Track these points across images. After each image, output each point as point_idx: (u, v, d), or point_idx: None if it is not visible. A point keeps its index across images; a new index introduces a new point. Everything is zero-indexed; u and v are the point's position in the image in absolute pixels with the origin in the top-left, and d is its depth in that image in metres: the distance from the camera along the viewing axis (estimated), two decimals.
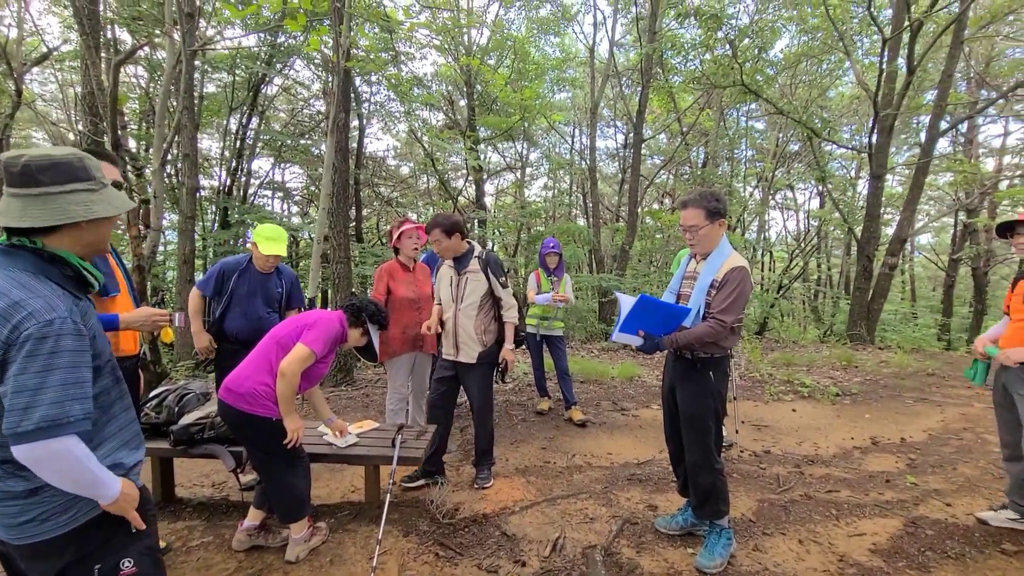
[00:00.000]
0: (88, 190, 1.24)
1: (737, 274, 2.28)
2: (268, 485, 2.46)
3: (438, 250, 3.09)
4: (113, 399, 1.33)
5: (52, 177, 1.19)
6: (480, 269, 3.10)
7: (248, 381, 2.32)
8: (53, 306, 1.14)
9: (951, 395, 5.62)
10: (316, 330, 2.38)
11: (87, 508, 1.23)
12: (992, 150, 17.33)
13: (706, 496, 2.40)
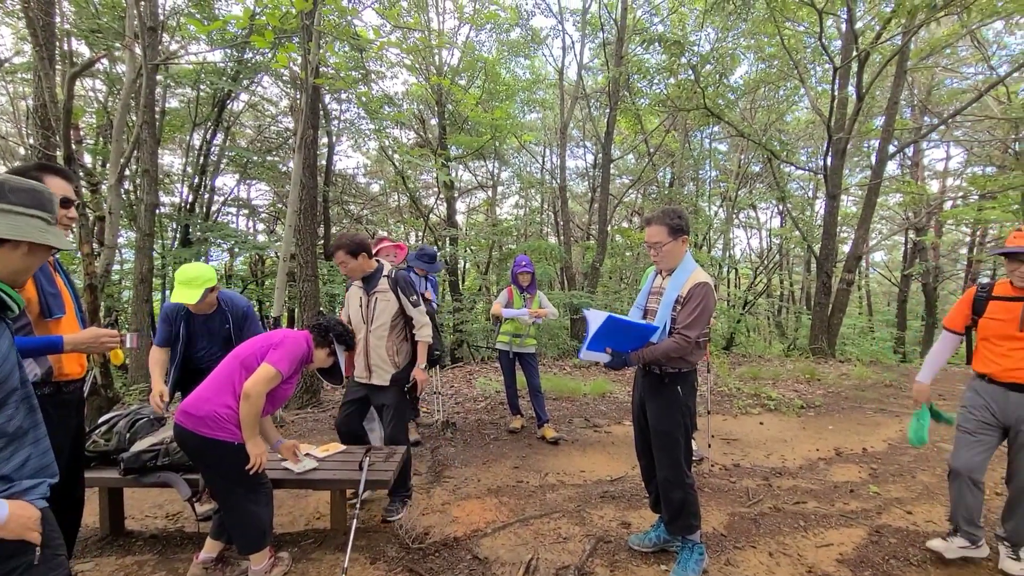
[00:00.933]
0: (45, 220, 1.30)
1: (700, 289, 2.32)
2: (227, 514, 2.33)
3: (345, 271, 3.02)
4: (23, 430, 1.23)
5: (21, 199, 1.26)
6: (390, 288, 3.05)
7: (209, 404, 2.21)
8: None
9: (908, 406, 5.83)
10: (282, 349, 2.31)
11: None
12: (936, 173, 18.45)
13: (678, 512, 2.40)
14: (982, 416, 2.43)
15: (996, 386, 2.40)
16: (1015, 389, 2.34)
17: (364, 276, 3.06)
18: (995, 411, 2.40)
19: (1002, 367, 2.36)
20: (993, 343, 2.41)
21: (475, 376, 7.44)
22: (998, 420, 2.40)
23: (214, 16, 8.73)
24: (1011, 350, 2.34)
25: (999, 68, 12.51)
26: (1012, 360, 2.33)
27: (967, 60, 14.05)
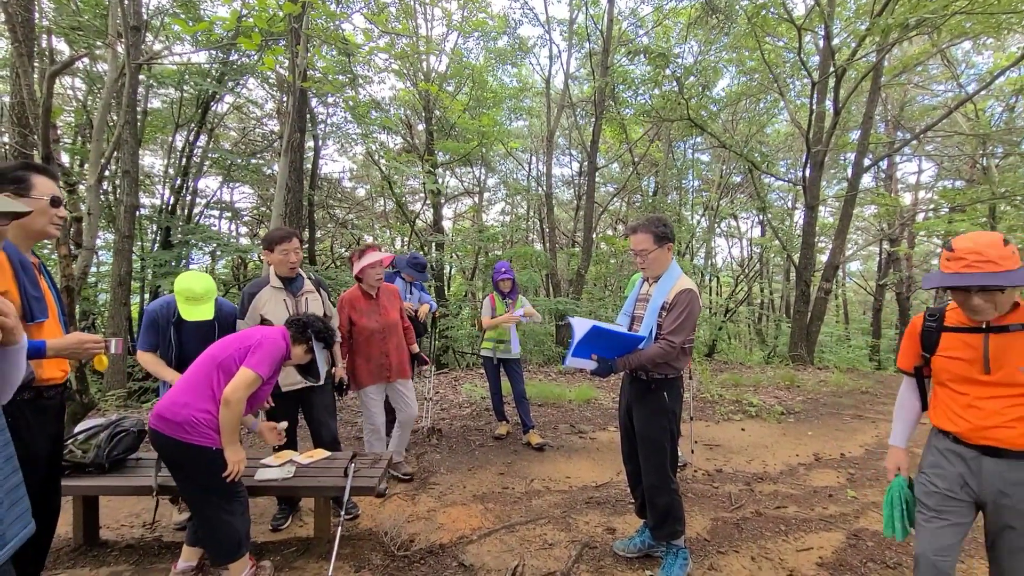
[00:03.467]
0: None
1: (685, 296, 2.37)
2: (201, 523, 2.28)
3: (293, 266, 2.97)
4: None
5: None
6: (315, 288, 3.07)
7: (187, 409, 2.16)
8: None
9: (883, 412, 5.97)
10: (261, 352, 2.25)
11: None
12: (909, 185, 19.04)
13: (663, 518, 2.43)
14: (947, 487, 1.77)
15: (965, 447, 1.73)
16: (991, 454, 1.68)
17: (289, 277, 3.00)
18: (966, 481, 1.74)
19: (971, 424, 1.70)
20: (953, 390, 1.76)
21: (461, 382, 7.42)
22: (971, 493, 1.73)
23: (199, 17, 8.65)
24: (978, 399, 1.69)
25: (968, 86, 13.02)
26: (982, 414, 1.68)
27: (938, 78, 14.57)
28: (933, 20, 6.91)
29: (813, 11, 9.01)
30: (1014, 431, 1.62)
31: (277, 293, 2.96)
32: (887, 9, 7.65)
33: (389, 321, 3.38)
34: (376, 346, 3.31)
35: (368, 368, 3.31)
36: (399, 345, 3.41)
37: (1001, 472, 1.65)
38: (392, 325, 3.40)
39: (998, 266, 1.53)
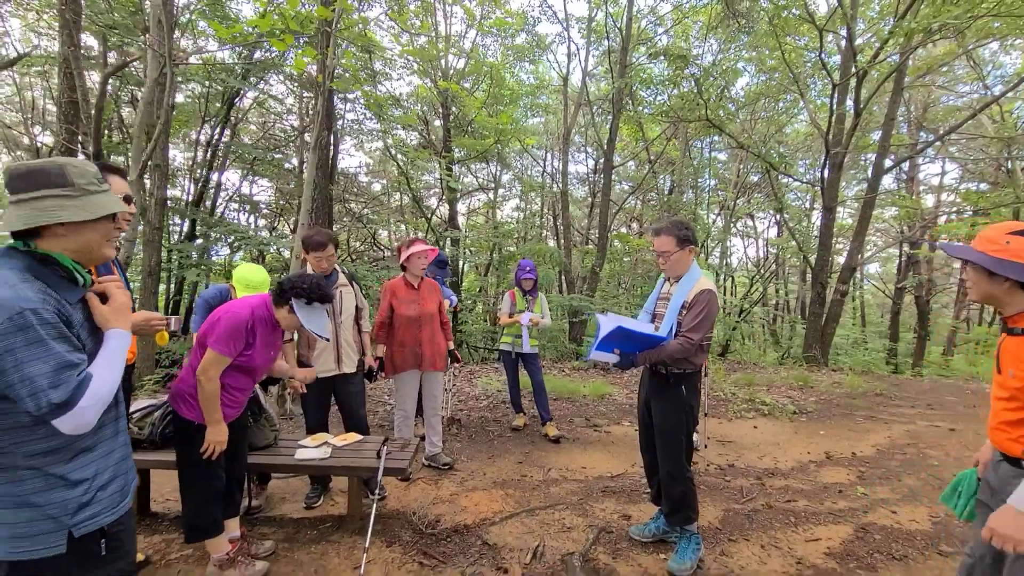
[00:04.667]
0: (61, 196, 1.25)
1: (705, 296, 2.49)
2: (181, 495, 2.37)
3: (327, 265, 3.11)
4: None
5: (26, 184, 1.24)
6: (348, 282, 3.26)
7: (182, 383, 2.28)
8: (25, 297, 1.15)
9: (897, 414, 6.02)
10: (218, 329, 2.22)
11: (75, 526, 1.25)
12: (931, 187, 18.76)
13: (679, 504, 2.56)
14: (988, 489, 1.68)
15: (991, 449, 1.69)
16: (1003, 459, 1.60)
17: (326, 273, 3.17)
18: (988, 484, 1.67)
19: (990, 424, 1.64)
20: None
21: (476, 376, 7.58)
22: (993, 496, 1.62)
23: (227, 15, 8.88)
24: (993, 399, 1.65)
25: (994, 87, 12.82)
26: (991, 414, 1.64)
27: (963, 79, 14.34)
28: (958, 24, 6.86)
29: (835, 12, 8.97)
30: (1002, 434, 1.58)
31: None
32: (911, 11, 7.62)
33: (426, 312, 3.56)
34: (412, 334, 3.50)
35: (403, 354, 3.49)
36: (432, 337, 3.58)
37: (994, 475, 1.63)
38: (428, 316, 3.58)
39: (995, 249, 1.52)
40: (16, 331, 1.13)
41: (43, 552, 1.21)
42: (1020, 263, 1.48)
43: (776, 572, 2.59)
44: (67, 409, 1.17)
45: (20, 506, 1.20)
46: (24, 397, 1.14)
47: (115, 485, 1.37)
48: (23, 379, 1.14)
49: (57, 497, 1.23)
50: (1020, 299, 1.52)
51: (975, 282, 1.60)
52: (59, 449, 1.24)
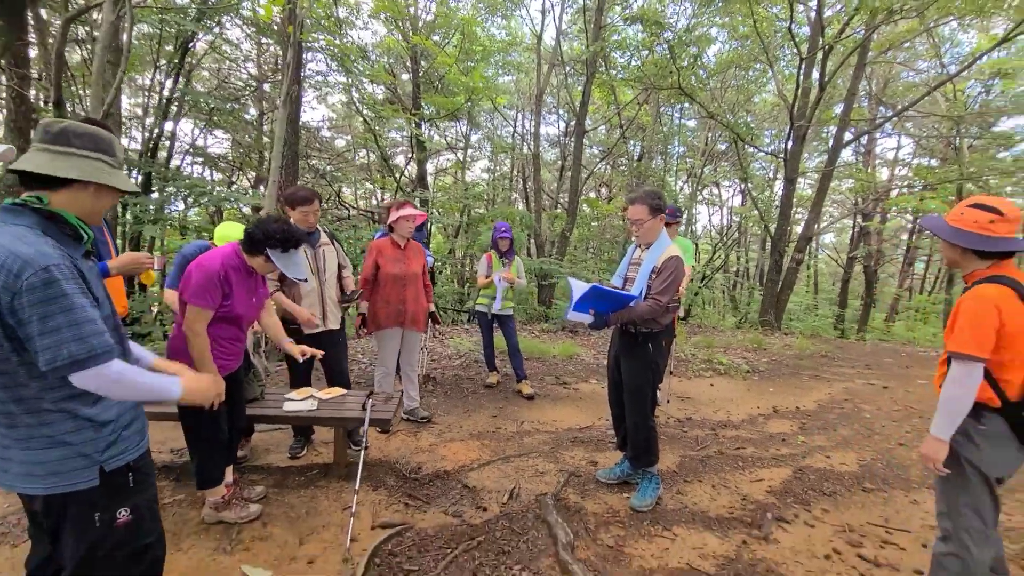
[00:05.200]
0: (109, 163, 1.39)
1: (673, 262, 2.69)
2: (188, 446, 2.48)
3: (312, 221, 3.18)
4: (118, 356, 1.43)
5: (84, 143, 1.35)
6: (329, 241, 3.37)
7: (176, 340, 2.33)
8: (46, 254, 1.22)
9: (839, 373, 6.57)
10: (191, 283, 2.22)
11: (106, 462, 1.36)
12: (887, 161, 19.56)
13: (642, 449, 2.84)
14: None
15: None
16: None
17: (308, 231, 3.22)
18: None
19: None
20: None
21: (447, 337, 7.75)
22: None
23: None
24: None
25: (951, 66, 13.34)
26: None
27: (924, 55, 14.84)
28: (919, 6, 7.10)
29: None
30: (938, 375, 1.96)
31: None
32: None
33: (410, 271, 3.67)
34: (396, 292, 3.60)
35: (386, 311, 3.60)
36: (416, 296, 3.69)
37: None
38: (412, 276, 3.68)
39: (953, 218, 1.83)
40: (42, 287, 1.19)
41: (79, 486, 1.32)
42: (968, 231, 1.80)
43: (724, 507, 2.92)
44: (85, 366, 1.24)
45: (54, 445, 1.29)
46: (43, 350, 1.20)
47: (136, 425, 1.47)
48: (49, 330, 1.20)
49: (88, 436, 1.33)
50: (972, 262, 1.85)
51: (943, 248, 1.94)
52: (84, 394, 1.32)
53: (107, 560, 1.39)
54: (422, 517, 2.67)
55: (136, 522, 1.43)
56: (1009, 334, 1.72)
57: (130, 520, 1.41)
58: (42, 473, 1.29)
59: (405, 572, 2.24)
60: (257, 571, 2.25)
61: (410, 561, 2.32)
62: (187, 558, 2.31)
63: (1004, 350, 1.74)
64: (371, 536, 2.48)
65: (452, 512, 2.72)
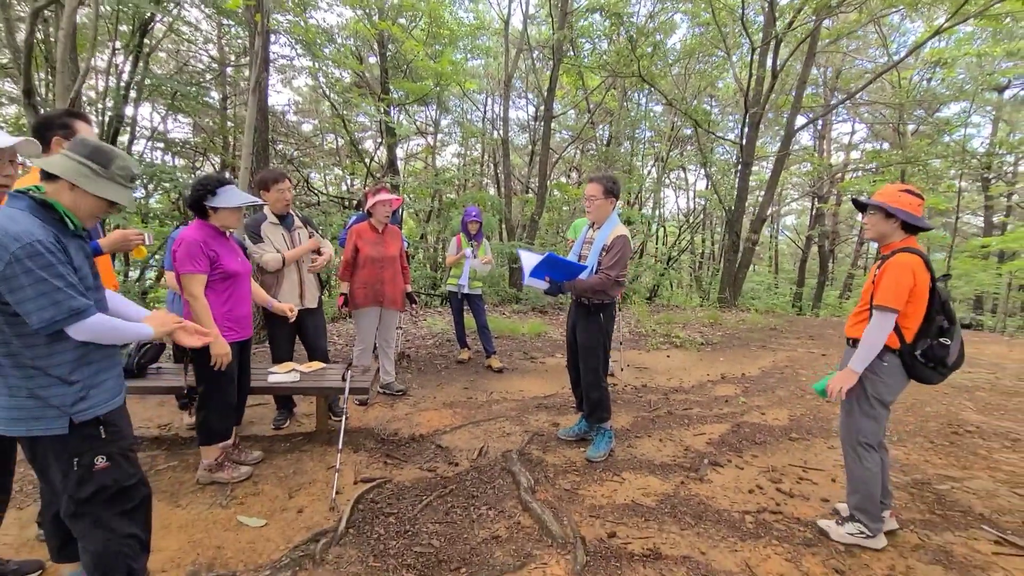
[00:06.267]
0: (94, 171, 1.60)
1: (620, 241, 3.03)
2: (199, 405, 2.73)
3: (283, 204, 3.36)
4: None
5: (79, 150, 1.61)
6: (303, 224, 3.56)
7: (187, 316, 2.61)
8: (31, 230, 1.46)
9: (784, 344, 7.12)
10: (179, 255, 2.53)
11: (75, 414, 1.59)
12: (843, 145, 20.45)
13: (596, 406, 3.20)
14: None
15: None
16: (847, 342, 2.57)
17: (281, 215, 3.44)
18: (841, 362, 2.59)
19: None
20: None
21: (420, 319, 8.00)
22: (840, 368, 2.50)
23: None
24: None
25: (897, 54, 14.05)
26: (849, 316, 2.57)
27: (875, 43, 15.55)
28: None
29: None
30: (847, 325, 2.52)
31: (275, 228, 3.41)
32: None
33: (388, 254, 3.92)
34: (375, 274, 3.84)
35: (365, 292, 3.85)
36: (394, 278, 3.95)
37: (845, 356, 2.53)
38: (390, 258, 3.93)
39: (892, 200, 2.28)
40: (27, 257, 1.45)
41: (52, 431, 1.58)
42: (905, 210, 2.27)
43: (668, 456, 3.33)
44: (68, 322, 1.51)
45: (31, 396, 1.56)
46: (31, 312, 1.46)
47: (105, 386, 1.69)
48: (36, 294, 1.45)
49: (57, 392, 1.57)
50: (896, 235, 2.32)
51: (873, 223, 2.38)
52: (64, 353, 1.57)
53: (95, 498, 1.66)
54: (399, 472, 2.98)
55: (113, 467, 1.68)
56: (916, 293, 2.24)
57: (107, 466, 1.66)
58: (23, 417, 1.56)
59: (385, 515, 2.55)
60: (252, 520, 2.52)
61: (390, 506, 2.63)
62: (186, 512, 2.56)
63: (909, 304, 2.25)
64: (354, 489, 2.78)
65: (427, 467, 3.04)
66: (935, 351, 2.26)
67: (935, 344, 2.26)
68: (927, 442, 3.71)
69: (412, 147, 19.26)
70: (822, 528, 2.52)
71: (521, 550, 2.30)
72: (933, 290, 2.25)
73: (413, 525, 2.47)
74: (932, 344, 2.27)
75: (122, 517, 1.73)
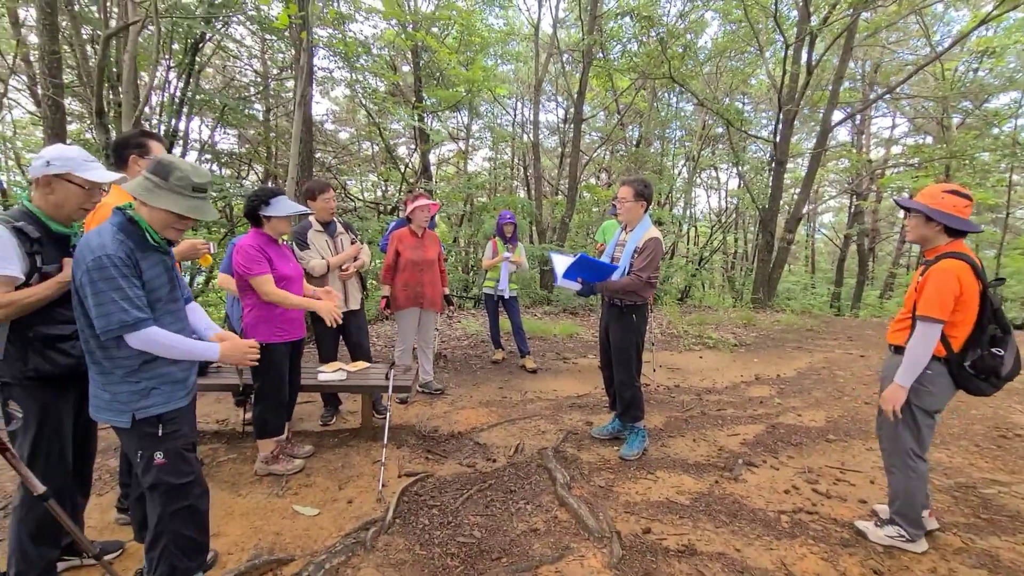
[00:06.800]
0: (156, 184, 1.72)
1: (652, 243, 3.10)
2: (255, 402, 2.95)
3: (329, 212, 3.61)
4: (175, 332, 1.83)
5: (149, 167, 1.76)
6: (344, 230, 3.78)
7: (247, 317, 2.85)
8: (105, 244, 1.63)
9: (821, 345, 6.98)
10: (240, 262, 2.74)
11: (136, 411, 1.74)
12: (883, 140, 19.74)
13: (628, 405, 3.28)
14: None
15: None
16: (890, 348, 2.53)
17: (325, 221, 3.66)
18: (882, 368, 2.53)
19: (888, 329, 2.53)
20: None
21: (455, 320, 8.19)
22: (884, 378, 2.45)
23: None
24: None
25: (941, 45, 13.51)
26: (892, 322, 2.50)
27: (916, 34, 14.99)
28: None
29: None
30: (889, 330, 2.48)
31: (319, 235, 3.64)
32: None
33: (427, 257, 4.11)
34: (415, 276, 4.03)
35: (406, 293, 4.04)
36: (433, 280, 4.13)
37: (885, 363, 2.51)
38: (429, 262, 4.11)
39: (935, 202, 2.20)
40: (96, 269, 1.62)
41: (119, 423, 1.75)
42: (948, 212, 2.20)
43: (701, 455, 3.37)
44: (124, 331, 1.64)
45: (106, 390, 1.75)
46: (94, 318, 1.63)
47: (166, 388, 1.80)
48: (99, 303, 1.62)
49: (123, 388, 1.73)
50: (940, 239, 2.24)
51: (914, 226, 2.31)
52: (122, 357, 1.72)
53: (154, 489, 1.80)
54: (440, 467, 3.13)
55: (170, 464, 1.79)
56: (963, 301, 2.15)
57: (164, 462, 1.79)
58: (102, 407, 1.76)
59: (429, 507, 2.70)
60: (306, 508, 2.71)
61: (432, 499, 2.77)
62: (246, 501, 2.76)
63: (956, 313, 2.17)
64: (398, 483, 2.93)
65: (466, 463, 3.17)
66: (986, 362, 2.16)
67: (986, 355, 2.16)
68: (972, 445, 3.63)
69: (444, 152, 19.63)
70: (860, 529, 2.53)
71: (559, 543, 2.40)
72: (984, 297, 2.15)
73: (455, 517, 2.60)
74: (983, 354, 2.16)
75: (176, 516, 1.83)
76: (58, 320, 1.90)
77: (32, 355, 1.85)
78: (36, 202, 1.89)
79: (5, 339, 1.84)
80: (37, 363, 1.86)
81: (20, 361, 1.85)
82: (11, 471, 3.00)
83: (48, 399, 1.92)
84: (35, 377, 1.87)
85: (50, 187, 1.87)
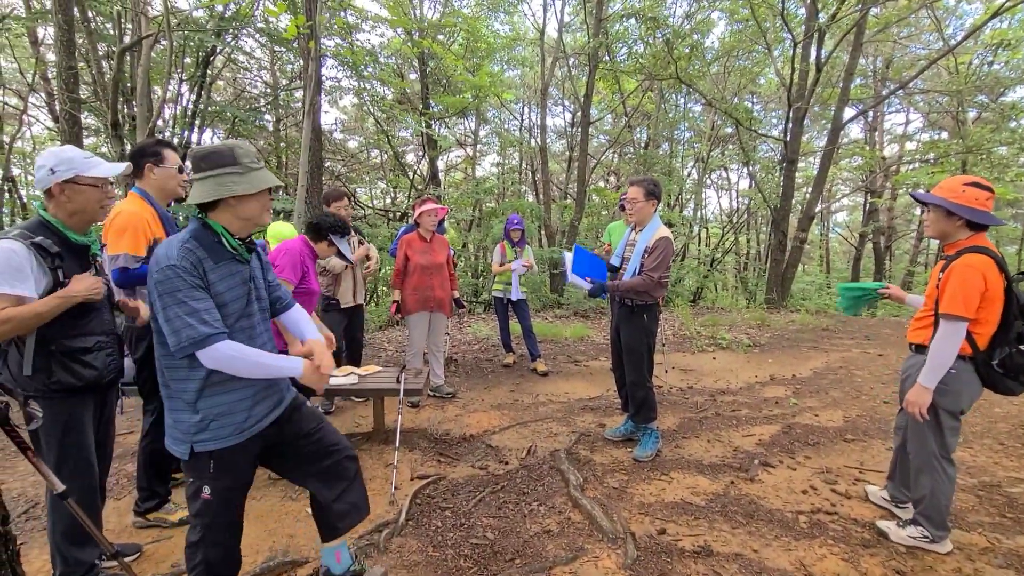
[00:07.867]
0: (233, 173, 1.56)
1: (662, 242, 3.08)
2: None
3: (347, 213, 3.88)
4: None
5: (208, 164, 1.57)
6: (354, 232, 4.00)
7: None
8: (170, 255, 1.48)
9: (837, 344, 6.87)
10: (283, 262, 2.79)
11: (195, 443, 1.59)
12: (896, 137, 19.46)
13: (640, 405, 3.25)
14: None
15: None
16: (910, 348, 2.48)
17: None
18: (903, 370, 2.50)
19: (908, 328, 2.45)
20: None
21: (464, 324, 8.20)
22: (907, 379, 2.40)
23: None
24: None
25: (954, 37, 13.32)
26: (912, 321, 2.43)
27: (928, 28, 14.79)
28: None
29: None
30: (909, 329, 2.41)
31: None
32: None
33: (436, 262, 4.14)
34: (424, 280, 4.06)
35: (415, 297, 4.06)
36: (443, 284, 4.17)
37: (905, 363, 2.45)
38: (438, 266, 4.15)
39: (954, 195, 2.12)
40: (162, 281, 1.49)
41: (179, 453, 1.61)
42: (969, 206, 2.12)
43: (716, 456, 3.32)
44: (196, 347, 1.48)
45: (171, 416, 1.62)
46: (166, 335, 1.50)
47: (226, 420, 1.61)
48: (167, 319, 1.49)
49: (184, 418, 1.58)
50: (961, 233, 2.17)
51: (933, 221, 2.24)
52: (192, 380, 1.57)
53: (197, 519, 1.66)
54: (453, 470, 3.12)
55: (212, 504, 1.62)
56: (988, 297, 2.07)
57: (209, 499, 1.61)
58: (168, 435, 1.65)
59: (442, 509, 2.69)
60: None
61: (445, 501, 2.76)
62: (261, 504, 2.78)
63: (982, 310, 2.09)
64: (411, 485, 2.93)
65: (478, 466, 3.16)
66: (1015, 360, 2.09)
67: (1015, 352, 2.09)
68: (996, 444, 3.55)
69: (452, 158, 19.72)
70: (881, 529, 2.47)
71: (572, 544, 2.38)
72: (1009, 292, 2.08)
73: (468, 519, 2.59)
74: (1011, 352, 2.09)
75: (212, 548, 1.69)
76: (80, 332, 1.88)
77: (56, 368, 1.83)
78: (52, 212, 1.87)
79: (32, 354, 1.81)
80: (61, 376, 1.84)
81: (45, 374, 1.82)
82: (33, 476, 3.06)
83: (73, 410, 1.91)
84: (59, 390, 1.85)
85: (64, 195, 1.84)
